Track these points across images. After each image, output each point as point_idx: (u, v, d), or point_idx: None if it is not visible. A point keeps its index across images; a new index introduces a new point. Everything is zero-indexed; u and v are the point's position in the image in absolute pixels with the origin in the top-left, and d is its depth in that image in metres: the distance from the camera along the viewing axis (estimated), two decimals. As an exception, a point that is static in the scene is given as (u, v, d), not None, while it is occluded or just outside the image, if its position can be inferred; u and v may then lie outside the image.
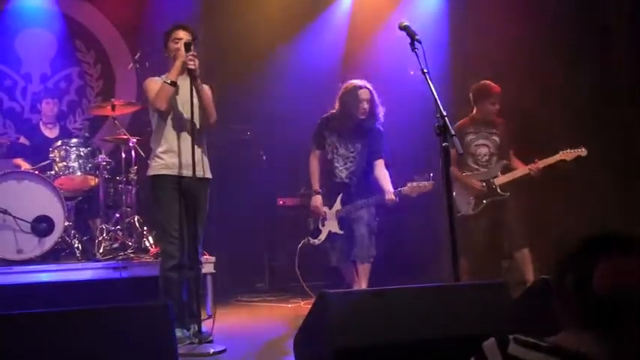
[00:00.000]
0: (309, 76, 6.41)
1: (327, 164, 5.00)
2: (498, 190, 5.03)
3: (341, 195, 4.92)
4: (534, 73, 5.59)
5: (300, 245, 5.09)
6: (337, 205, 4.93)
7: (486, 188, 5.06)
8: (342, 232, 4.90)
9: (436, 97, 2.96)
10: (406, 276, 5.52)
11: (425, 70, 3.03)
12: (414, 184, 4.69)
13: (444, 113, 2.90)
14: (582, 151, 4.84)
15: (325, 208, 4.98)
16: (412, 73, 3.71)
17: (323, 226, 4.99)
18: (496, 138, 5.12)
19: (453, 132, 2.89)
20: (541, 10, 5.71)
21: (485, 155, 5.14)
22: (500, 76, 5.36)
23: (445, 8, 6.44)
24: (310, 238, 5.03)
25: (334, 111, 4.92)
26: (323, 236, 4.98)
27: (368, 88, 4.82)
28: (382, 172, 4.84)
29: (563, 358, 1.32)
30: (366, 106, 4.78)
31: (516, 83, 5.26)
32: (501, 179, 5.05)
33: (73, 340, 2.15)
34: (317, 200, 4.95)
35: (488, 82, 5.07)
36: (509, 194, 5.03)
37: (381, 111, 4.85)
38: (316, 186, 5.00)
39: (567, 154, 4.84)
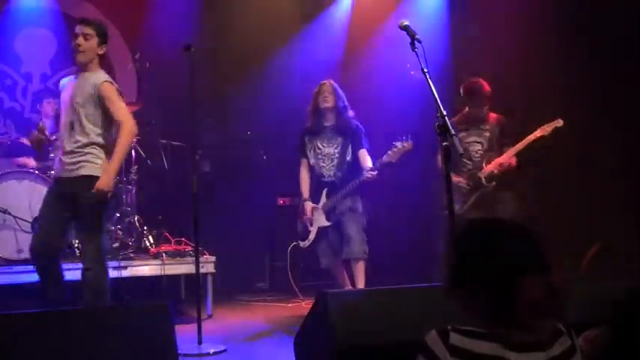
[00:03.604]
0: (310, 75, 6.40)
1: (313, 170, 5.06)
2: (483, 182, 4.88)
3: (326, 189, 4.95)
4: (535, 72, 5.58)
5: (289, 249, 5.10)
6: (323, 200, 4.96)
7: (472, 182, 4.92)
8: (329, 224, 4.89)
9: (436, 96, 2.95)
10: (406, 276, 5.52)
11: (425, 70, 3.03)
12: (394, 149, 4.64)
13: (444, 113, 2.90)
14: (558, 122, 4.70)
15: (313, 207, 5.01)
16: (412, 73, 3.71)
17: (311, 225, 5.00)
18: (487, 134, 4.99)
19: (453, 132, 2.89)
20: (542, 10, 5.71)
21: (478, 151, 4.99)
22: (500, 76, 5.36)
23: (445, 8, 6.44)
24: (300, 242, 5.03)
25: (307, 119, 5.10)
26: (312, 235, 4.98)
27: (330, 83, 5.01)
28: (365, 158, 4.88)
29: (499, 342, 1.44)
30: (327, 95, 4.94)
31: (517, 83, 5.26)
32: (485, 170, 4.88)
33: (73, 340, 2.15)
34: (309, 206, 4.99)
35: (477, 80, 4.97)
36: (495, 184, 4.85)
37: (345, 104, 4.98)
38: (306, 194, 5.06)
39: (544, 129, 4.72)
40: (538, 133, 4.74)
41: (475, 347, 1.45)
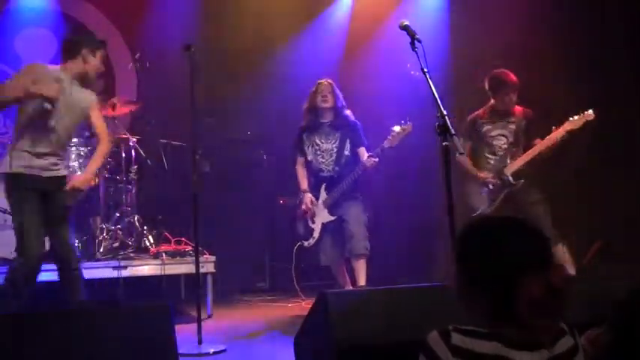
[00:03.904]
0: (310, 75, 6.40)
1: (310, 167, 5.07)
2: (510, 180, 4.65)
3: (324, 185, 4.97)
4: (536, 72, 5.58)
5: (295, 249, 5.10)
6: (323, 196, 4.97)
7: (498, 179, 4.71)
8: (334, 218, 4.90)
9: (436, 96, 2.95)
10: (408, 276, 5.53)
11: (425, 70, 3.03)
12: (393, 133, 4.61)
13: (444, 112, 2.90)
14: (589, 115, 4.39)
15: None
16: (412, 72, 3.70)
17: (314, 222, 5.00)
18: (513, 127, 4.78)
19: (453, 131, 2.89)
20: (542, 10, 5.71)
21: (503, 145, 4.78)
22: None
23: (445, 8, 6.44)
24: (304, 242, 5.03)
25: (303, 117, 5.11)
26: (317, 233, 4.98)
27: (328, 82, 5.02)
28: (365, 155, 4.85)
29: (500, 341, 1.44)
30: (326, 95, 4.95)
31: (518, 83, 5.25)
32: (511, 167, 4.68)
33: (73, 340, 2.15)
34: (308, 198, 5.01)
35: (504, 71, 4.80)
36: (524, 182, 4.64)
37: (343, 104, 5.00)
38: (305, 185, 5.09)
39: (574, 123, 4.43)
40: (567, 127, 4.47)
41: (477, 347, 1.45)
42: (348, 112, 5.05)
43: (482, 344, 1.45)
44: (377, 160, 4.69)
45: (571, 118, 4.49)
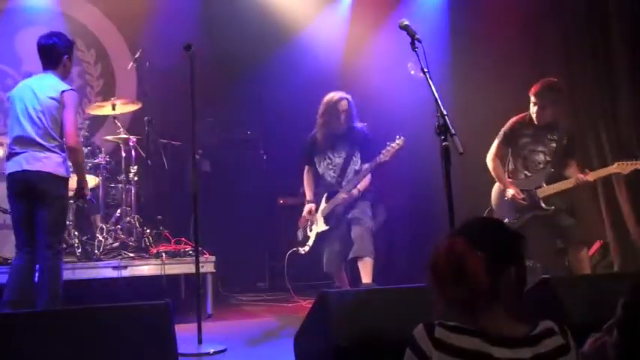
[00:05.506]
0: (310, 75, 6.41)
1: (322, 179, 5.04)
2: (542, 204, 4.47)
3: (326, 194, 4.96)
4: (536, 71, 5.58)
5: (287, 255, 5.11)
6: (322, 204, 4.98)
7: (528, 200, 4.50)
8: (327, 227, 4.91)
9: (436, 96, 2.95)
10: (409, 276, 5.52)
11: (425, 70, 3.02)
12: (388, 147, 4.64)
13: (445, 112, 2.89)
14: None
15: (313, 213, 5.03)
16: (412, 72, 3.69)
17: (310, 231, 5.03)
18: (554, 145, 4.52)
19: (453, 131, 2.88)
20: (541, 10, 5.71)
21: (540, 163, 4.55)
22: (501, 76, 5.35)
23: (445, 8, 6.43)
24: (299, 248, 5.05)
25: (317, 129, 4.99)
26: (311, 241, 5.00)
27: (349, 100, 4.90)
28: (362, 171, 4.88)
29: (482, 338, 1.50)
30: (342, 117, 4.87)
31: (518, 82, 5.25)
32: (545, 191, 4.47)
33: (73, 339, 2.15)
34: (308, 208, 5.02)
35: (553, 79, 4.54)
36: (556, 208, 4.47)
37: (356, 120, 4.93)
38: (310, 196, 5.08)
39: (624, 167, 4.26)
40: (614, 170, 4.33)
41: (458, 342, 1.50)
42: (360, 125, 4.96)
43: (464, 339, 1.50)
44: (357, 194, 4.79)
45: (621, 163, 4.32)
